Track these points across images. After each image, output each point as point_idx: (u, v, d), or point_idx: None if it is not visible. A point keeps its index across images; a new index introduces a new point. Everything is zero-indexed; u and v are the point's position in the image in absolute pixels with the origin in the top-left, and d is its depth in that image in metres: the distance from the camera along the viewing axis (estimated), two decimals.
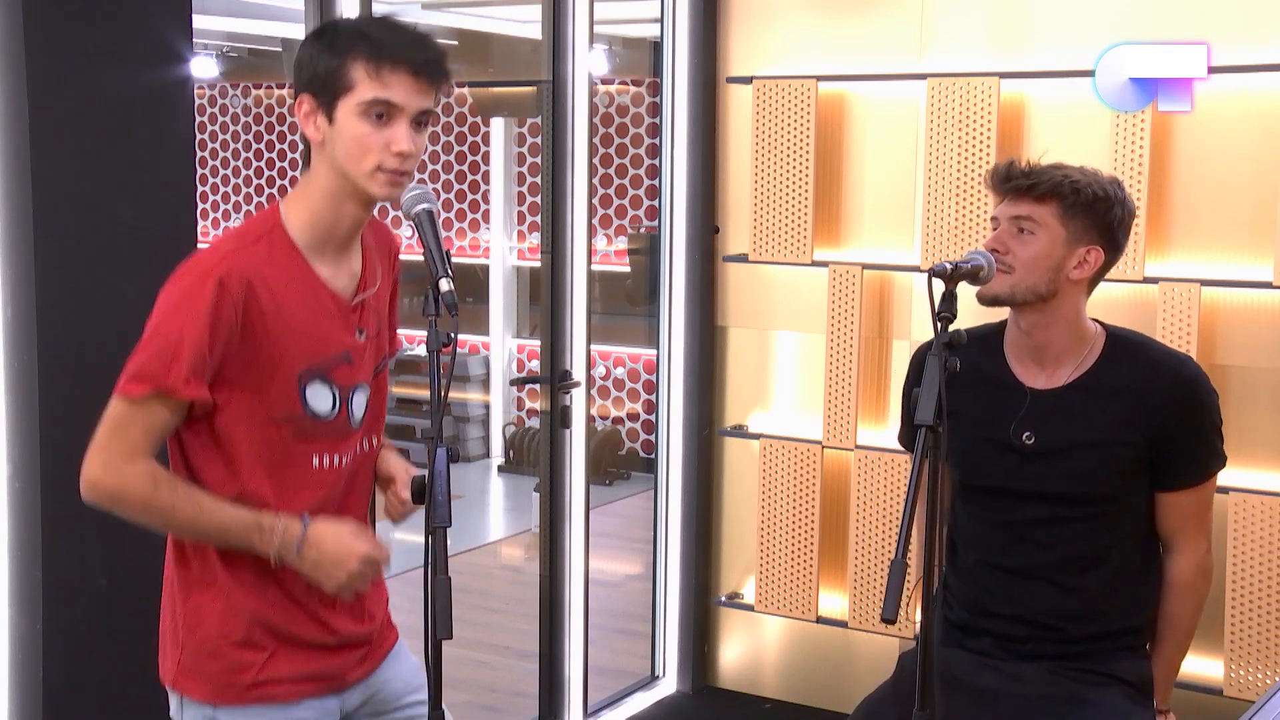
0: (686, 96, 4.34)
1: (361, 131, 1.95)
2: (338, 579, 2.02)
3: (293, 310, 2.00)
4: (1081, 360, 2.52)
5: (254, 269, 1.96)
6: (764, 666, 4.49)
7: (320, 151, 2.00)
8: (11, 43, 2.44)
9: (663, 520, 4.51)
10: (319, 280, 2.04)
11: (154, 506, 1.97)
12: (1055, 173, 2.48)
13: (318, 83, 1.97)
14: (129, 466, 1.95)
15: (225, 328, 1.93)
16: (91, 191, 2.59)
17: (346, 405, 2.08)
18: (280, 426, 2.01)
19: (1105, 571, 2.53)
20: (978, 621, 2.58)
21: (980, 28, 3.97)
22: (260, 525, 1.99)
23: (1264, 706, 2.06)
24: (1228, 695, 3.64)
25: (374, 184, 1.97)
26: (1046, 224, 2.45)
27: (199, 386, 1.93)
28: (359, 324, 2.10)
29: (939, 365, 2.05)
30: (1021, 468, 2.52)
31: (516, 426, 8.40)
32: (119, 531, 2.13)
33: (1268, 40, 3.58)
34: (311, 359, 2.02)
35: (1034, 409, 2.52)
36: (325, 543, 2.01)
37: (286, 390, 2.01)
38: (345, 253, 2.08)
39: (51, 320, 2.51)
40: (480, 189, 8.64)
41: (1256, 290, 3.62)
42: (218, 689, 2.06)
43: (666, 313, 4.44)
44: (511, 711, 4.44)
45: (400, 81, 1.95)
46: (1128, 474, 2.50)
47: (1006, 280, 2.45)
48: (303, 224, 2.03)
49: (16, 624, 2.58)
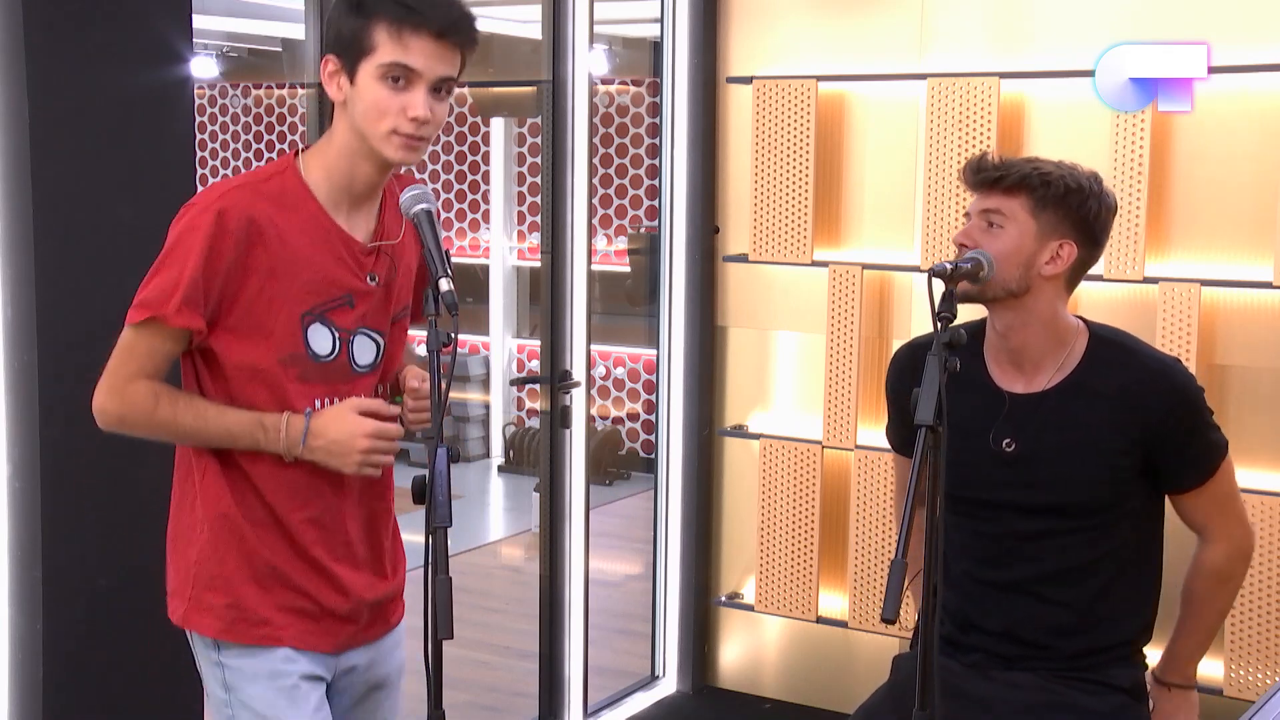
0: (686, 96, 4.34)
1: (379, 95, 1.98)
2: (353, 459, 2.03)
3: (298, 248, 2.03)
4: (1062, 362, 2.44)
5: (258, 205, 2.00)
6: (764, 666, 4.49)
7: (341, 110, 2.04)
8: (11, 43, 2.44)
9: (663, 520, 4.51)
10: (330, 222, 2.06)
11: (158, 420, 2.03)
12: (1025, 165, 2.41)
13: (342, 43, 2.00)
14: (130, 387, 2.02)
15: (222, 260, 1.97)
16: (91, 191, 2.59)
17: (347, 347, 2.09)
18: (286, 368, 2.04)
19: (1096, 584, 2.45)
20: (967, 637, 2.52)
21: (980, 28, 3.97)
22: (263, 424, 2.03)
23: (1264, 706, 2.05)
24: (1228, 695, 3.64)
25: (389, 146, 2.00)
26: (1016, 217, 2.38)
27: (191, 316, 1.98)
28: (371, 268, 2.10)
29: (939, 365, 2.04)
30: (1002, 477, 2.45)
31: (516, 426, 8.40)
32: (119, 531, 2.14)
33: (1268, 40, 3.59)
34: (314, 299, 2.05)
35: (1014, 415, 2.44)
36: (329, 428, 2.03)
37: (291, 329, 2.04)
38: (361, 207, 2.10)
39: (51, 320, 2.51)
40: (480, 189, 8.64)
41: (1256, 290, 3.62)
42: (224, 625, 2.08)
43: (666, 313, 4.45)
44: (511, 711, 4.44)
45: (421, 46, 1.97)
46: (1116, 481, 2.42)
47: None
48: (319, 176, 2.06)
49: (16, 624, 2.58)
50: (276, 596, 2.10)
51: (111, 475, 2.58)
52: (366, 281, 2.10)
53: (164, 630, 2.20)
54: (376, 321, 2.13)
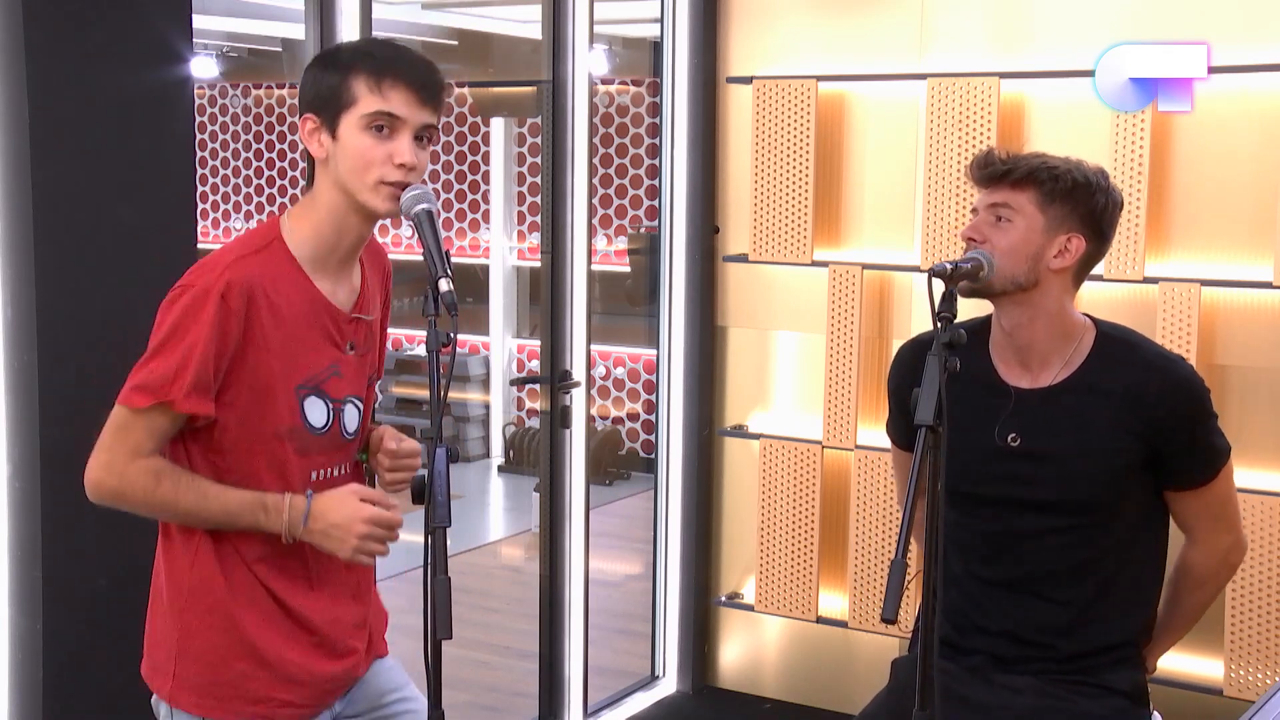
0: (686, 96, 4.34)
1: (364, 144, 1.99)
2: (349, 544, 2.03)
3: (290, 322, 2.03)
4: (1069, 359, 2.44)
5: (254, 280, 1.99)
6: (764, 666, 4.49)
7: (324, 169, 2.03)
8: (11, 43, 2.44)
9: (663, 520, 4.51)
10: (317, 293, 2.07)
11: (157, 500, 2.00)
12: (1033, 159, 2.41)
13: (321, 100, 2.01)
14: (130, 465, 1.99)
15: (228, 341, 1.96)
16: (91, 191, 2.59)
17: (339, 418, 2.10)
18: (284, 442, 2.04)
19: (1095, 582, 2.45)
20: (966, 639, 2.51)
21: (980, 28, 3.97)
22: (265, 505, 2.02)
23: (1264, 706, 2.05)
24: (1228, 695, 3.64)
25: (376, 198, 2.00)
26: (1024, 211, 2.38)
27: (201, 401, 1.96)
28: (351, 337, 2.12)
29: (939, 365, 2.04)
30: (1007, 472, 2.44)
31: (516, 426, 8.40)
32: (119, 531, 2.13)
33: (1268, 40, 3.59)
34: (307, 371, 2.05)
35: (1020, 409, 2.44)
36: (329, 512, 2.02)
37: (288, 403, 2.04)
38: (346, 269, 2.11)
39: (51, 320, 2.51)
40: (480, 189, 8.64)
41: (1256, 290, 3.62)
42: (213, 703, 2.08)
43: (666, 313, 4.45)
44: (511, 711, 4.44)
45: (401, 95, 1.99)
46: (1119, 480, 2.42)
47: None
48: (305, 239, 2.06)
49: (16, 624, 2.58)
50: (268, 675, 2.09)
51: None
52: (346, 351, 2.11)
53: None
54: (357, 389, 2.14)
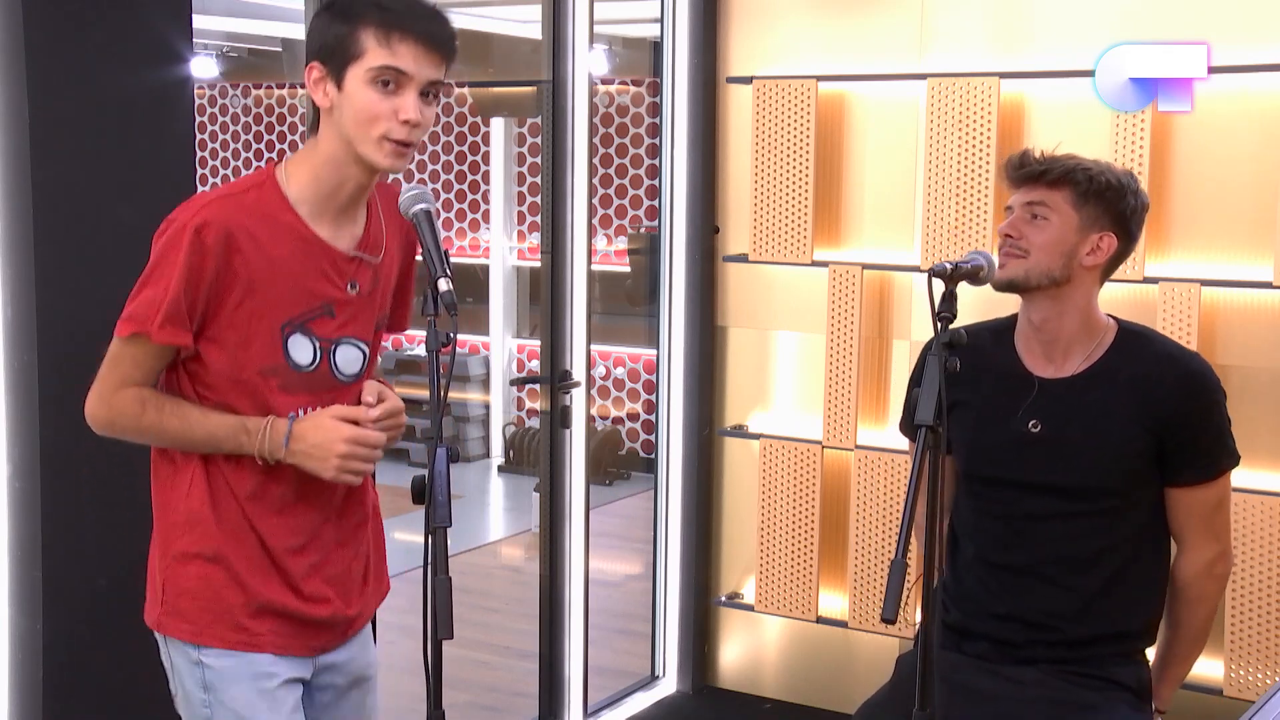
0: (686, 96, 4.34)
1: (369, 99, 1.98)
2: (331, 464, 2.04)
3: (277, 260, 2.03)
4: (1091, 351, 2.53)
5: (235, 218, 2.00)
6: (764, 666, 4.49)
7: (328, 118, 2.03)
8: (11, 43, 2.44)
9: (663, 520, 4.51)
10: (310, 232, 2.06)
11: (144, 425, 2.06)
12: (1069, 160, 2.51)
13: (328, 49, 2.00)
14: (118, 394, 2.04)
15: (203, 277, 1.98)
16: (91, 191, 2.59)
17: (328, 357, 2.10)
18: (268, 378, 2.06)
19: (1104, 571, 2.51)
20: (974, 624, 2.57)
21: (980, 28, 3.97)
22: (247, 428, 2.05)
23: (1264, 706, 2.06)
24: (1228, 695, 3.64)
25: (379, 153, 2.00)
26: (1059, 209, 2.48)
27: (175, 333, 2.00)
28: (352, 276, 2.11)
29: (939, 365, 2.05)
30: (1025, 456, 2.52)
31: (516, 426, 8.40)
32: (119, 532, 2.14)
33: (1268, 40, 3.58)
34: (294, 310, 2.05)
35: (1042, 397, 2.53)
36: (309, 433, 2.04)
37: (270, 341, 2.05)
38: (347, 216, 2.10)
39: (51, 320, 2.51)
40: (480, 189, 8.64)
41: (1256, 290, 3.62)
42: (199, 629, 2.09)
43: (666, 313, 4.44)
44: (511, 711, 4.44)
45: (410, 50, 1.97)
46: (1132, 468, 2.49)
47: (1021, 264, 2.48)
48: (303, 185, 2.06)
49: (16, 624, 2.58)
50: (255, 605, 2.10)
51: (111, 475, 2.58)
52: (347, 290, 2.10)
53: None
54: (360, 330, 2.14)
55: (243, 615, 2.09)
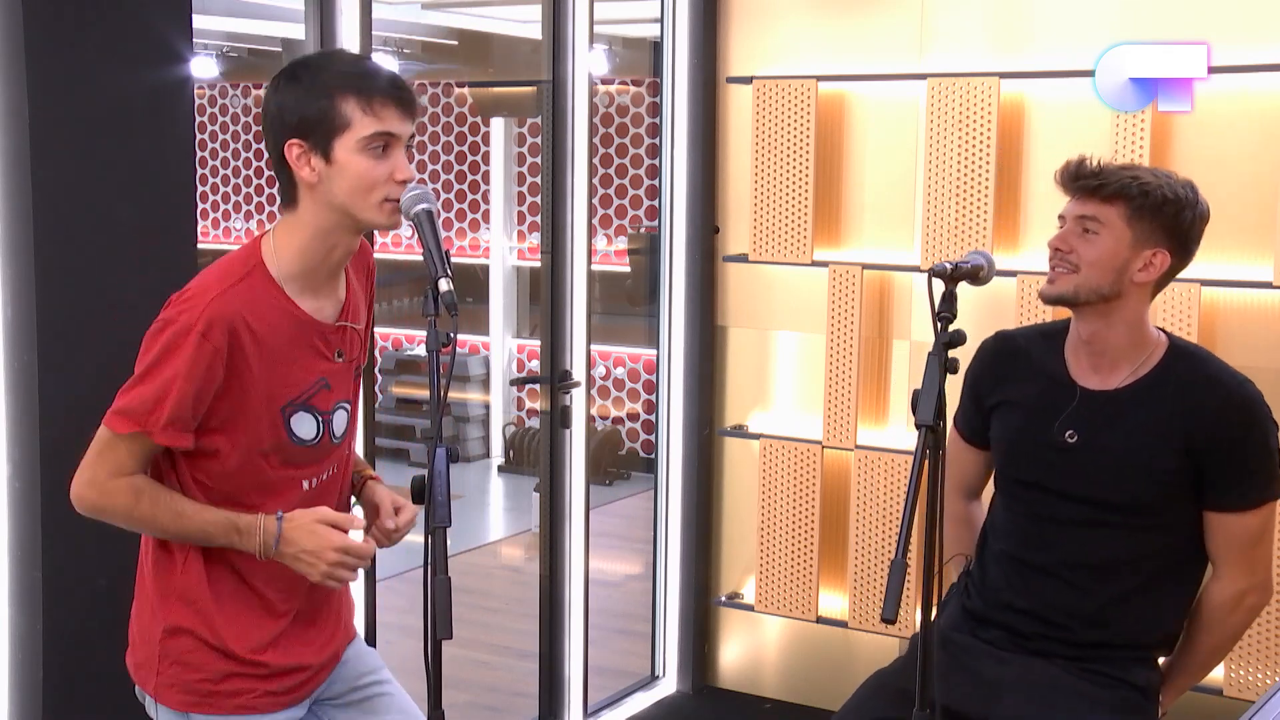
0: (686, 96, 4.34)
1: (365, 166, 2.00)
2: (319, 569, 2.06)
3: (275, 347, 2.04)
4: (1139, 365, 2.50)
5: (237, 312, 2.00)
6: (764, 666, 4.49)
7: (313, 191, 2.03)
8: (11, 43, 2.44)
9: (663, 520, 4.51)
10: (301, 313, 2.08)
11: (136, 517, 2.06)
12: (1124, 174, 2.45)
13: (307, 125, 2.00)
14: (111, 482, 2.04)
15: (211, 379, 1.99)
16: (91, 191, 2.59)
17: (329, 428, 2.13)
18: (268, 457, 2.07)
19: (1125, 582, 2.50)
20: (992, 613, 2.60)
21: (980, 28, 3.96)
22: (238, 528, 2.05)
23: (1264, 706, 2.05)
24: (1228, 695, 3.64)
25: (381, 215, 2.03)
26: (1112, 224, 2.43)
27: (177, 435, 2.00)
28: (339, 345, 2.14)
29: (939, 365, 2.05)
30: (1059, 465, 2.51)
31: (516, 426, 8.40)
32: (119, 532, 2.13)
33: (1268, 40, 3.58)
34: (294, 391, 2.07)
35: (1082, 408, 2.51)
36: (301, 539, 2.05)
37: (271, 423, 2.06)
38: (332, 283, 2.13)
39: (51, 320, 2.51)
40: (480, 189, 8.64)
41: (1256, 290, 3.62)
42: (197, 699, 2.11)
43: (666, 313, 4.44)
44: (511, 711, 4.44)
45: (392, 113, 2.01)
46: (1164, 486, 2.46)
47: (1071, 280, 2.45)
48: (291, 260, 2.06)
49: (16, 624, 2.58)
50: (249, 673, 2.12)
51: None
52: (335, 359, 2.13)
53: None
54: (345, 392, 2.17)
55: (239, 681, 2.11)
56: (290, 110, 2.02)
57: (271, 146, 2.05)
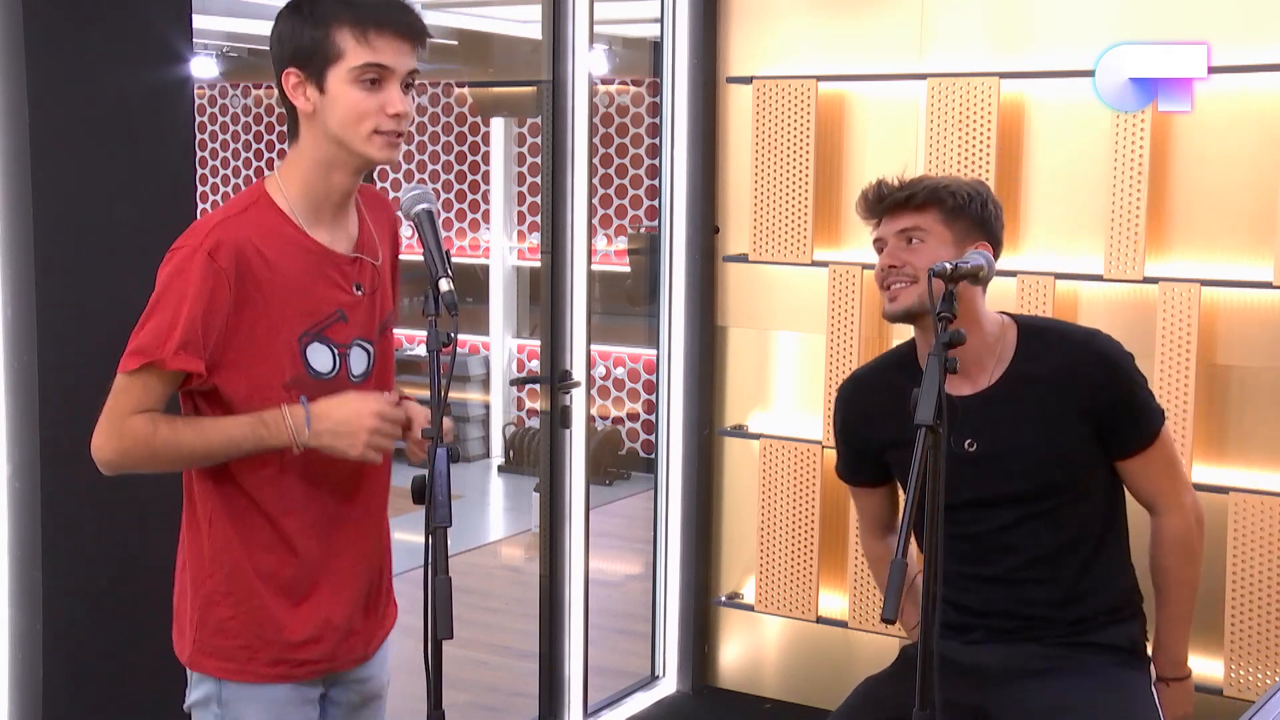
0: (686, 96, 4.34)
1: (356, 97, 1.99)
2: (360, 440, 2.01)
3: (286, 273, 2.03)
4: (999, 356, 2.56)
5: (243, 236, 2.00)
6: (764, 666, 4.49)
7: (310, 121, 2.04)
8: (11, 43, 2.44)
9: (663, 520, 4.51)
10: (312, 241, 2.07)
11: (158, 445, 2.00)
12: (924, 183, 2.55)
13: (303, 54, 2.01)
14: (128, 420, 1.99)
15: (219, 300, 1.97)
16: (91, 191, 2.59)
17: (345, 362, 2.10)
18: (290, 390, 2.04)
19: (1078, 558, 2.56)
20: (968, 620, 2.61)
21: (980, 28, 3.96)
22: (264, 420, 2.01)
23: (1264, 706, 2.06)
24: (1228, 695, 3.64)
25: (372, 147, 2.02)
26: (932, 230, 2.52)
27: (189, 359, 1.96)
28: (356, 278, 2.12)
29: (939, 365, 2.05)
30: (971, 476, 2.53)
31: (516, 426, 8.40)
32: (119, 532, 2.14)
33: (1268, 40, 3.58)
34: (309, 320, 2.05)
35: (968, 416, 2.52)
36: (333, 410, 2.02)
37: (290, 354, 2.04)
38: (340, 218, 2.11)
39: (51, 320, 2.51)
40: (480, 189, 8.64)
41: (1256, 290, 3.62)
42: (235, 667, 2.10)
43: (666, 313, 4.44)
44: (511, 711, 4.44)
45: (388, 44, 1.99)
46: (1073, 457, 2.53)
47: (914, 290, 2.49)
48: (295, 193, 2.06)
49: (16, 624, 2.58)
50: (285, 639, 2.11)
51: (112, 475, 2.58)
52: (354, 292, 2.11)
53: (164, 630, 2.21)
54: (366, 331, 2.14)
55: (276, 649, 2.10)
56: (288, 40, 2.02)
57: (275, 77, 2.05)
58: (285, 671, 2.12)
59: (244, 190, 2.10)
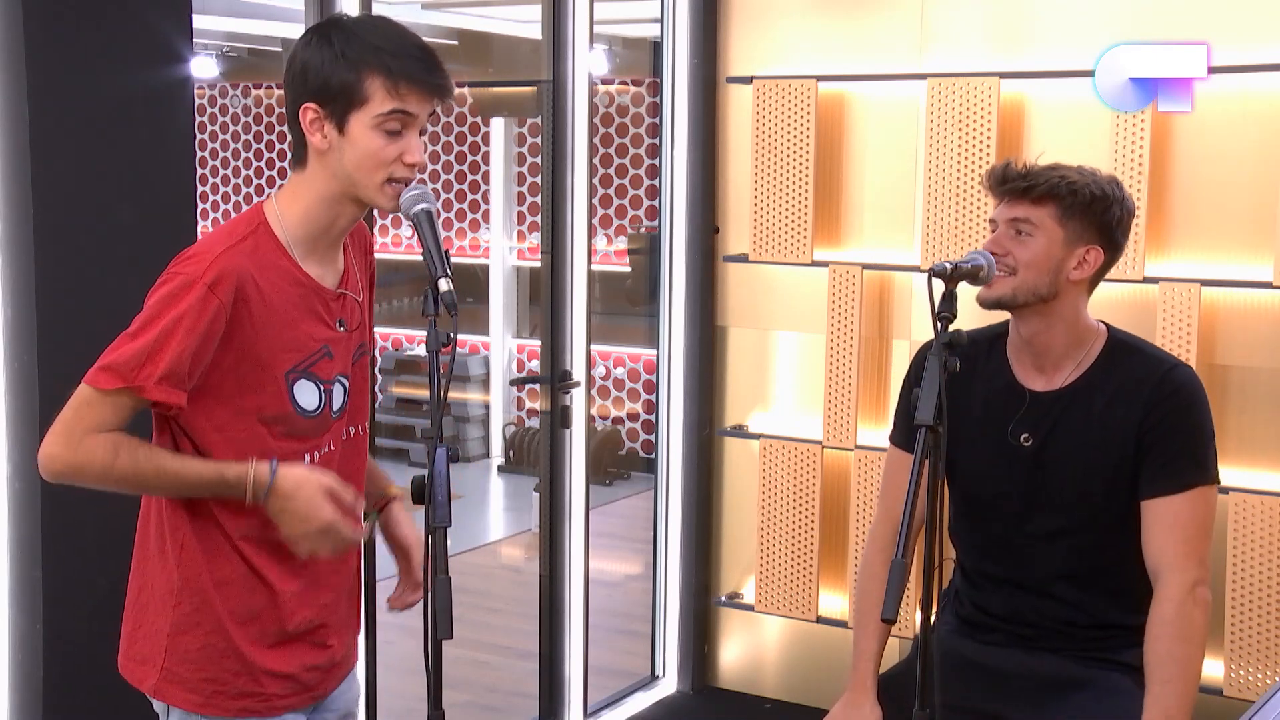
0: (686, 96, 4.34)
1: (376, 144, 1.96)
2: (301, 532, 1.99)
3: (278, 308, 2.01)
4: (1080, 361, 2.52)
5: (244, 269, 1.97)
6: (764, 666, 4.49)
7: (322, 158, 2.00)
8: (11, 43, 2.44)
9: (663, 520, 4.51)
10: (304, 275, 2.05)
11: (116, 472, 1.94)
12: (1052, 174, 2.47)
13: (329, 93, 1.96)
14: (90, 439, 1.92)
15: (212, 334, 1.93)
16: (91, 191, 2.59)
17: (328, 399, 2.09)
18: (270, 426, 2.02)
19: (1111, 583, 2.51)
20: (989, 621, 2.61)
21: (980, 28, 3.97)
22: (225, 478, 1.97)
23: (1264, 706, 2.05)
24: (1228, 695, 3.64)
25: (383, 196, 2.00)
26: (1044, 226, 2.45)
27: (171, 391, 1.92)
28: (340, 314, 2.11)
29: (939, 365, 2.05)
30: (1019, 471, 2.51)
31: (516, 426, 8.40)
32: (119, 532, 2.13)
33: (1268, 40, 3.58)
34: (296, 356, 2.03)
35: (1032, 410, 2.51)
36: (296, 494, 1.98)
37: (276, 390, 2.01)
38: (331, 252, 2.10)
39: (51, 320, 2.51)
40: (480, 189, 8.64)
41: (1256, 290, 3.62)
42: (202, 699, 2.07)
43: (666, 313, 4.44)
44: (511, 711, 4.44)
45: (416, 95, 1.97)
46: (1121, 478, 2.46)
47: (1008, 282, 2.45)
48: (295, 224, 2.03)
49: (16, 624, 2.58)
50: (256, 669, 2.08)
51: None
52: (337, 328, 2.10)
53: None
54: (345, 367, 2.12)
55: (245, 682, 2.07)
56: (314, 73, 1.97)
57: (289, 102, 2.00)
58: (253, 705, 2.09)
59: (244, 213, 2.07)
